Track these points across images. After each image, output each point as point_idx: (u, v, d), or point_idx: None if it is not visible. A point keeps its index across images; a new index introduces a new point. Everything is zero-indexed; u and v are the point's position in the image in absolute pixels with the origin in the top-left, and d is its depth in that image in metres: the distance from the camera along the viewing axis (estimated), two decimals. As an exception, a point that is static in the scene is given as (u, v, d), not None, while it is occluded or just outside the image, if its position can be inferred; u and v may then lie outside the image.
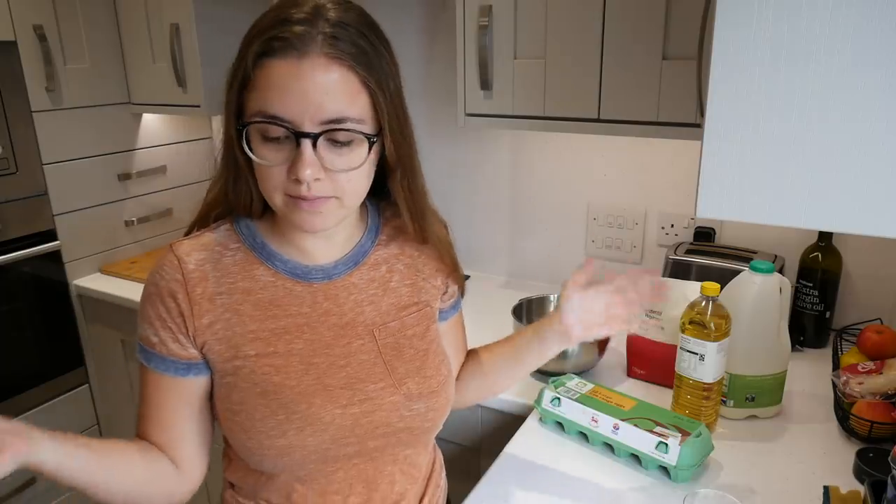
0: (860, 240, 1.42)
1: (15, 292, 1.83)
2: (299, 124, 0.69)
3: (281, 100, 0.69)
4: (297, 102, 0.68)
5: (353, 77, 0.71)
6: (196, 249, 0.80)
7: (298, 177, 0.70)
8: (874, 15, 0.70)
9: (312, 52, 0.68)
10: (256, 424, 0.79)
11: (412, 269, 0.90)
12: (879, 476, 0.83)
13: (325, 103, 0.69)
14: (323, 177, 0.71)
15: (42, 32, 1.78)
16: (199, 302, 0.78)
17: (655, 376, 1.29)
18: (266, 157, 0.71)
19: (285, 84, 0.68)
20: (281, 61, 0.68)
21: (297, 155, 0.70)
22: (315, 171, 0.70)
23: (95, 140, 1.97)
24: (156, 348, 0.80)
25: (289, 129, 0.69)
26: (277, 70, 0.69)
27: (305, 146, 0.69)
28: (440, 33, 1.80)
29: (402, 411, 0.84)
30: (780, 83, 0.75)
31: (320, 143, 0.70)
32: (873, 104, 0.72)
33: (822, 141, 0.75)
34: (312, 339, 0.82)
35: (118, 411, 2.09)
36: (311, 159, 0.70)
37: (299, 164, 0.69)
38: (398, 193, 0.83)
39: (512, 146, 1.81)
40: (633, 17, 1.25)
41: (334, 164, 0.72)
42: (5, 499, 1.84)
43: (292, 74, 0.68)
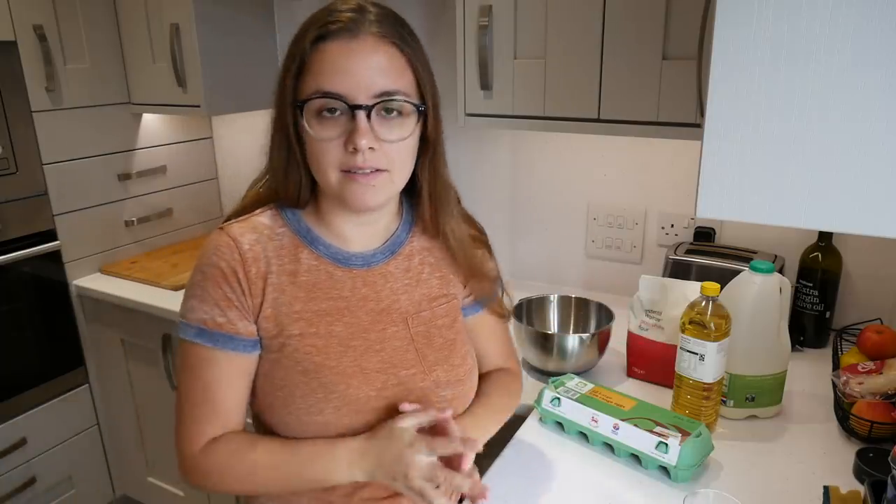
0: (860, 240, 1.42)
1: (15, 292, 1.83)
2: (354, 98, 0.76)
3: (337, 76, 0.75)
4: (351, 78, 0.75)
5: (400, 55, 0.79)
6: (247, 231, 0.84)
7: (356, 145, 0.76)
8: (874, 15, 0.70)
9: (363, 32, 0.76)
10: (297, 401, 0.82)
11: (442, 261, 0.95)
12: (879, 476, 0.83)
13: (376, 78, 0.76)
14: (376, 147, 0.77)
15: (42, 32, 1.78)
16: (255, 281, 0.82)
17: (655, 376, 1.29)
18: (323, 132, 0.77)
19: (340, 62, 0.75)
20: (335, 43, 0.76)
21: (353, 126, 0.76)
22: (370, 140, 0.76)
23: (95, 140, 1.97)
24: (223, 328, 0.82)
25: (345, 103, 0.76)
26: (332, 50, 0.76)
27: (360, 117, 0.76)
28: (440, 33, 1.80)
29: (431, 397, 0.88)
30: (780, 83, 0.75)
31: (373, 116, 0.77)
32: (873, 104, 0.72)
33: (822, 141, 0.75)
34: (351, 323, 0.86)
35: (118, 411, 2.09)
36: (365, 129, 0.76)
37: (356, 133, 0.76)
38: (423, 175, 0.88)
39: (512, 146, 1.81)
40: (633, 17, 1.25)
41: (386, 134, 0.78)
42: (5, 499, 1.84)
43: (346, 53, 0.75)
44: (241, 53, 1.94)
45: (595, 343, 1.31)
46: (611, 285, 1.75)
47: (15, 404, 1.86)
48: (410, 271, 0.92)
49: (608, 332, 1.33)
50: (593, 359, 1.33)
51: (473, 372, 0.95)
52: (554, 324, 1.49)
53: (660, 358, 1.25)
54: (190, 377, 0.84)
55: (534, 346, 1.32)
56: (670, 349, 1.17)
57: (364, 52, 0.76)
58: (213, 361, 0.83)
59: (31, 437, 1.90)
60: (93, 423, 2.08)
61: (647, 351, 1.28)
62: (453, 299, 0.95)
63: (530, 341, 1.33)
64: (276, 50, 2.08)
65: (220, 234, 0.84)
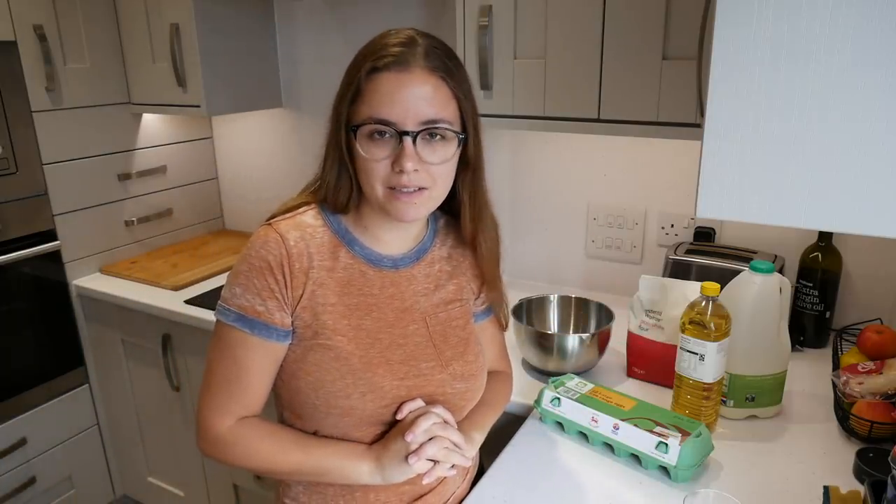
0: (860, 240, 1.42)
1: (15, 292, 1.83)
2: (402, 125, 0.84)
3: (388, 105, 0.84)
4: (401, 107, 0.83)
5: (445, 87, 0.86)
6: (293, 228, 0.92)
7: (403, 168, 0.84)
8: (874, 15, 0.70)
9: (414, 65, 0.84)
10: (326, 385, 0.90)
11: (458, 269, 1.04)
12: (879, 476, 0.83)
13: (423, 107, 0.84)
14: (420, 168, 0.85)
15: (42, 32, 1.78)
16: (297, 275, 0.89)
17: (655, 376, 1.29)
18: (374, 153, 0.86)
19: (392, 92, 0.84)
20: (388, 74, 0.84)
21: (401, 150, 0.84)
22: (415, 163, 0.84)
23: (95, 140, 1.98)
24: (261, 317, 0.89)
25: (394, 129, 0.84)
26: (385, 81, 0.84)
27: (407, 142, 0.84)
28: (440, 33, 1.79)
29: (447, 388, 0.96)
30: (780, 83, 0.75)
31: (419, 141, 0.85)
32: (873, 104, 0.72)
33: (822, 141, 0.75)
34: (378, 318, 0.94)
35: (118, 411, 2.09)
36: (411, 153, 0.84)
37: (403, 157, 0.84)
38: (464, 191, 0.97)
39: (512, 146, 1.81)
40: (633, 17, 1.25)
41: (429, 157, 0.86)
42: (5, 499, 1.84)
43: (398, 84, 0.83)
44: (241, 53, 1.94)
45: (595, 343, 1.31)
46: (611, 285, 1.75)
47: (15, 404, 1.86)
48: (431, 276, 1.00)
49: (608, 332, 1.33)
50: (593, 359, 1.33)
51: (484, 369, 1.03)
52: (554, 324, 1.49)
53: (660, 358, 1.25)
54: (225, 356, 0.91)
55: (534, 346, 1.32)
56: (670, 349, 1.17)
57: (413, 83, 0.84)
58: (248, 346, 0.90)
59: (31, 437, 1.90)
60: (93, 423, 2.09)
61: (647, 351, 1.28)
62: (466, 304, 1.04)
63: (530, 341, 1.33)
64: (276, 50, 2.08)
65: (269, 229, 0.91)
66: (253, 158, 2.31)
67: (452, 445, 0.92)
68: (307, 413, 0.93)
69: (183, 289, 1.87)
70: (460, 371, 0.98)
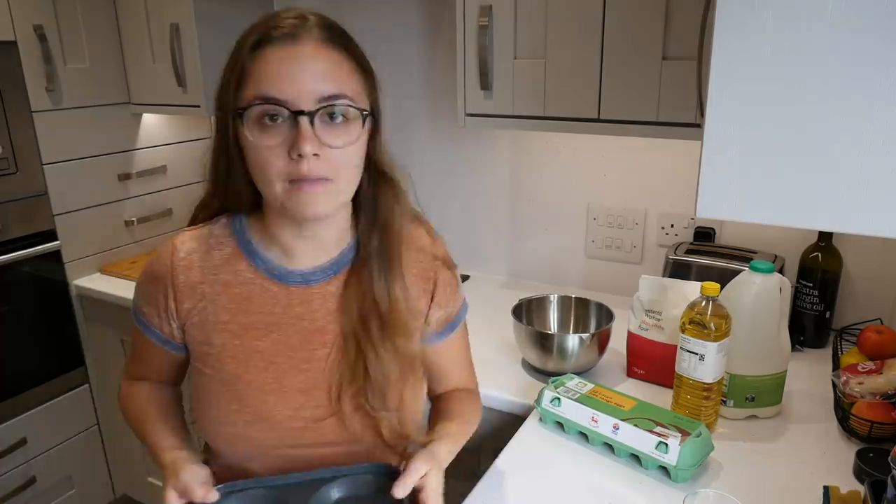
0: (860, 240, 1.42)
1: (15, 292, 1.83)
2: (296, 104, 0.73)
3: (278, 82, 0.73)
4: (293, 83, 0.73)
5: (346, 59, 0.77)
6: (191, 240, 0.87)
7: (300, 151, 0.72)
8: (875, 14, 0.70)
9: (307, 37, 0.74)
10: (212, 410, 0.86)
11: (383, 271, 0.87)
12: (879, 476, 0.83)
13: (319, 83, 0.74)
14: (321, 153, 0.74)
15: (42, 32, 1.77)
16: (182, 289, 0.85)
17: (655, 376, 1.29)
18: (264, 140, 0.74)
19: (282, 68, 0.73)
20: (277, 47, 0.73)
21: (297, 133, 0.73)
22: (314, 146, 0.73)
23: (95, 140, 1.97)
24: (144, 317, 0.90)
25: (287, 108, 0.73)
26: (274, 56, 0.73)
27: (304, 123, 0.73)
28: (440, 33, 1.80)
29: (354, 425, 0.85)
30: (781, 83, 0.76)
31: (317, 122, 0.73)
32: (873, 104, 0.72)
33: (822, 141, 0.75)
34: (278, 340, 0.85)
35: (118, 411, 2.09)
36: (309, 135, 0.73)
37: (300, 140, 0.72)
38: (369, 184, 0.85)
39: (512, 146, 1.81)
40: (633, 16, 1.25)
41: (330, 139, 0.75)
42: (5, 499, 1.84)
43: (288, 58, 0.73)
44: (241, 53, 1.94)
45: (595, 343, 1.31)
46: (611, 285, 1.75)
47: (15, 404, 1.86)
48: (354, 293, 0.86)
49: (608, 332, 1.33)
50: (593, 359, 1.33)
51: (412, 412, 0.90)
52: (554, 324, 1.49)
53: (660, 358, 1.25)
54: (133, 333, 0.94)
55: (534, 346, 1.32)
56: (670, 349, 1.17)
57: (306, 56, 0.73)
58: (138, 336, 0.92)
59: (31, 437, 1.90)
60: (93, 423, 2.08)
61: (647, 351, 1.28)
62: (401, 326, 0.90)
63: (530, 341, 1.33)
64: (276, 50, 2.08)
65: (170, 239, 0.88)
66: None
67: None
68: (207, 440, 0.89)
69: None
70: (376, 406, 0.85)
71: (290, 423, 0.85)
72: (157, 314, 0.87)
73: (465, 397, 1.01)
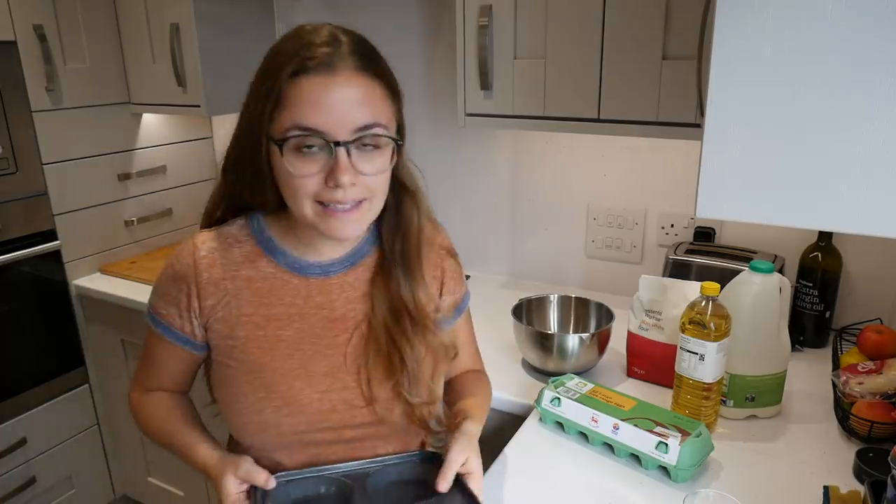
0: (860, 240, 1.42)
1: (15, 292, 1.83)
2: (333, 134, 0.76)
3: (315, 113, 0.75)
4: (330, 114, 0.75)
5: (378, 85, 0.79)
6: (211, 239, 0.90)
7: (338, 183, 0.76)
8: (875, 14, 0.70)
9: (342, 66, 0.76)
10: (240, 399, 0.87)
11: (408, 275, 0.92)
12: (879, 476, 0.83)
13: (356, 113, 0.76)
14: (356, 181, 0.78)
15: (42, 32, 1.77)
16: (206, 286, 0.87)
17: (655, 376, 1.29)
18: (303, 169, 0.77)
19: (319, 98, 0.75)
20: (314, 78, 0.75)
21: (335, 163, 0.76)
22: (351, 176, 0.77)
23: (95, 140, 1.97)
24: (164, 318, 0.90)
25: (324, 139, 0.76)
26: (310, 86, 0.75)
27: (341, 154, 0.76)
28: (440, 33, 1.80)
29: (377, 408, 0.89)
30: (781, 83, 0.76)
31: (353, 151, 0.77)
32: (874, 103, 0.72)
33: (822, 141, 0.75)
34: (301, 329, 0.89)
35: (118, 411, 2.09)
36: (346, 165, 0.76)
37: (337, 171, 0.76)
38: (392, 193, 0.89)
39: (512, 146, 1.81)
40: (633, 16, 1.25)
41: (365, 168, 0.78)
42: (5, 499, 1.84)
43: (325, 89, 0.75)
44: (241, 53, 1.94)
45: (595, 343, 1.31)
46: (611, 285, 1.75)
47: (15, 404, 1.86)
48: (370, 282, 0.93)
49: (608, 332, 1.33)
50: (593, 359, 1.33)
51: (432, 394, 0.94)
52: (554, 324, 1.49)
53: (660, 358, 1.25)
54: (146, 341, 0.96)
55: (534, 346, 1.32)
56: (670, 349, 1.17)
57: (342, 86, 0.76)
58: (156, 341, 0.93)
59: (31, 437, 1.90)
60: (93, 423, 2.08)
61: (647, 351, 1.28)
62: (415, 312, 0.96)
63: (530, 341, 1.33)
64: (276, 50, 2.08)
65: (189, 239, 0.91)
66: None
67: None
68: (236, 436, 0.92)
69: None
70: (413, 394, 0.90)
71: (318, 405, 0.88)
72: (178, 314, 0.89)
73: (477, 379, 1.07)
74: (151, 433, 0.98)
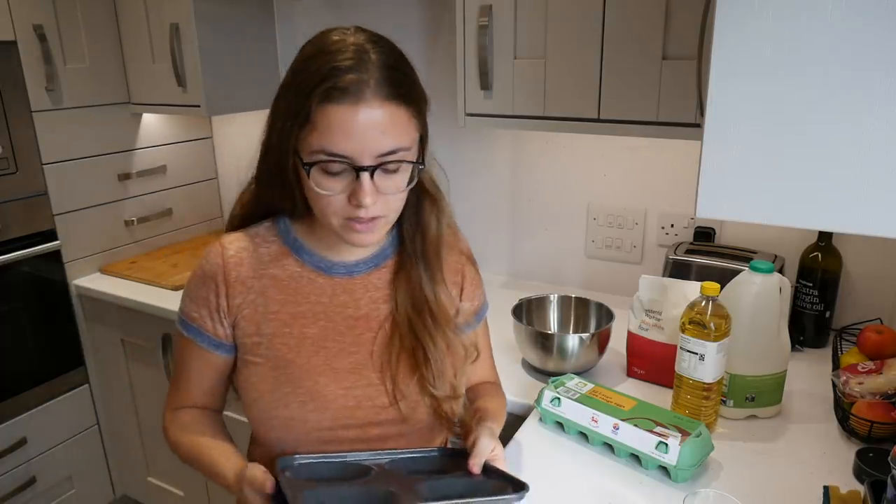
0: (860, 240, 1.42)
1: (15, 292, 1.83)
2: (358, 160, 0.79)
3: (341, 140, 0.79)
4: (355, 141, 0.79)
5: (402, 111, 0.81)
6: (239, 239, 0.93)
7: (361, 204, 0.80)
8: (875, 14, 0.70)
9: (367, 96, 0.78)
10: (265, 395, 0.89)
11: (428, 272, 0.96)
12: (879, 476, 0.83)
13: (379, 140, 0.79)
14: (377, 200, 0.82)
15: (42, 32, 1.78)
16: (234, 285, 0.91)
17: (655, 376, 1.29)
18: (328, 188, 0.82)
19: (345, 126, 0.78)
20: (340, 107, 0.78)
21: (358, 185, 0.80)
22: (373, 197, 0.81)
23: (95, 140, 1.97)
24: (195, 322, 0.92)
25: (349, 165, 0.80)
26: (337, 114, 0.78)
27: (364, 178, 0.80)
28: (440, 33, 1.80)
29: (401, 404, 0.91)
30: (780, 83, 0.76)
31: (376, 175, 0.81)
32: (873, 104, 0.72)
33: (822, 141, 0.75)
34: (326, 327, 0.92)
35: (118, 411, 2.09)
36: (369, 189, 0.80)
37: (360, 193, 0.80)
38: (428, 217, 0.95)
39: (512, 146, 1.81)
40: (633, 17, 1.25)
41: (387, 188, 0.83)
42: (5, 499, 1.84)
43: (350, 118, 0.78)
44: (241, 53, 1.94)
45: (595, 343, 1.31)
46: (611, 285, 1.75)
47: (15, 404, 1.86)
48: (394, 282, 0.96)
49: (608, 332, 1.33)
50: (593, 359, 1.33)
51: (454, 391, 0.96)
52: (554, 324, 1.49)
53: (660, 358, 1.25)
54: (176, 356, 0.98)
55: (534, 346, 1.32)
56: (670, 349, 1.17)
57: (368, 116, 0.78)
58: (187, 348, 0.94)
59: (31, 437, 1.90)
60: (93, 423, 2.08)
61: (647, 351, 1.28)
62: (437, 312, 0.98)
63: (530, 341, 1.33)
64: (277, 50, 2.08)
65: (216, 241, 0.94)
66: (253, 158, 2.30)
67: None
68: (260, 435, 0.92)
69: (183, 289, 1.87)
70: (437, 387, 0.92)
71: (342, 401, 0.90)
72: (209, 316, 0.91)
73: (495, 391, 1.09)
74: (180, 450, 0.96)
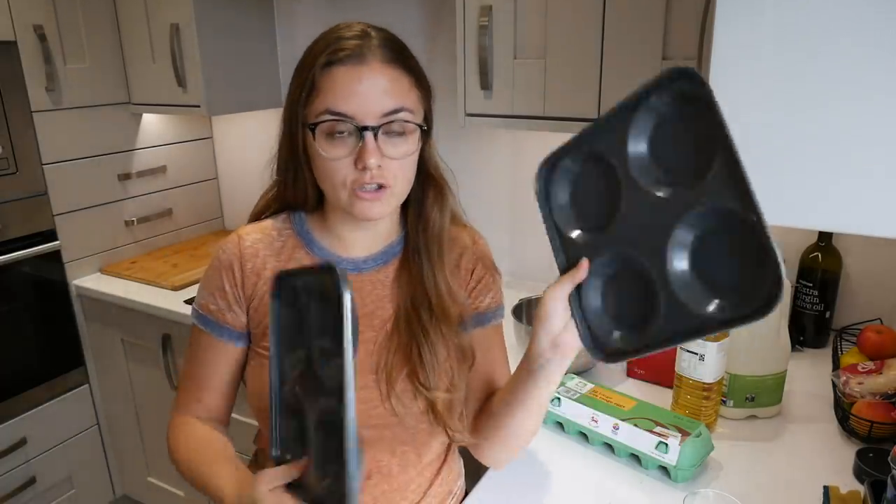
0: (860, 240, 1.42)
1: (15, 292, 1.83)
2: (362, 119, 0.80)
3: (345, 99, 0.80)
4: (359, 100, 0.80)
5: (405, 76, 0.83)
6: (254, 231, 0.94)
7: (365, 164, 0.81)
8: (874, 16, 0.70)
9: (371, 57, 0.81)
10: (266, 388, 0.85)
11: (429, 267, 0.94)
12: (879, 476, 0.83)
13: (382, 99, 0.81)
14: (382, 164, 0.82)
15: (42, 32, 1.78)
16: (249, 275, 0.91)
17: (655, 376, 1.29)
18: (333, 152, 0.82)
19: (349, 85, 0.80)
20: (344, 67, 0.80)
21: (362, 146, 0.81)
22: (377, 158, 0.81)
23: (95, 140, 1.98)
24: (213, 315, 0.92)
25: (353, 124, 0.80)
26: (342, 75, 0.80)
27: (368, 138, 0.80)
28: (441, 33, 1.80)
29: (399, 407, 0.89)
30: (780, 83, 0.76)
31: (380, 135, 0.81)
32: (874, 104, 0.72)
33: (823, 141, 0.75)
34: None
35: (118, 411, 2.09)
36: (373, 148, 0.81)
37: (364, 153, 0.80)
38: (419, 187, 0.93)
39: (512, 146, 1.81)
40: (633, 16, 1.25)
41: (391, 152, 0.83)
42: (5, 499, 1.84)
43: (355, 77, 0.80)
44: (241, 53, 1.94)
45: (595, 343, 1.31)
46: (611, 285, 1.75)
47: (15, 404, 1.86)
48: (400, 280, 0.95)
49: (608, 332, 1.33)
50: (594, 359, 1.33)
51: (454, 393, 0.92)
52: (554, 324, 1.48)
53: (660, 358, 1.25)
54: (190, 354, 0.96)
55: (534, 346, 1.32)
56: (670, 349, 1.17)
57: (370, 75, 0.81)
58: (204, 344, 0.93)
59: (31, 437, 1.90)
60: (93, 423, 2.09)
61: (647, 351, 1.28)
62: None
63: (530, 341, 1.33)
64: (277, 50, 2.08)
65: (233, 233, 0.94)
66: (253, 158, 2.30)
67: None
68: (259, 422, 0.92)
69: (183, 289, 1.87)
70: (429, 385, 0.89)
71: None
72: (227, 307, 0.91)
73: None
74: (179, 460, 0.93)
